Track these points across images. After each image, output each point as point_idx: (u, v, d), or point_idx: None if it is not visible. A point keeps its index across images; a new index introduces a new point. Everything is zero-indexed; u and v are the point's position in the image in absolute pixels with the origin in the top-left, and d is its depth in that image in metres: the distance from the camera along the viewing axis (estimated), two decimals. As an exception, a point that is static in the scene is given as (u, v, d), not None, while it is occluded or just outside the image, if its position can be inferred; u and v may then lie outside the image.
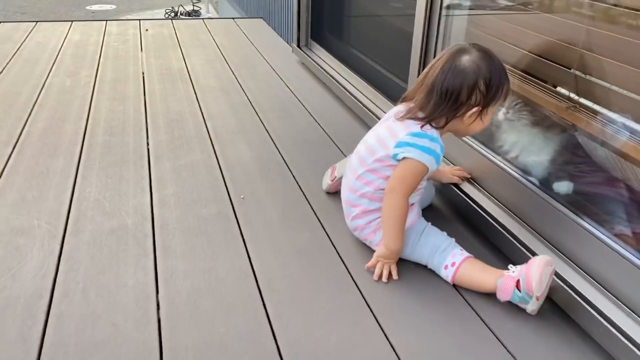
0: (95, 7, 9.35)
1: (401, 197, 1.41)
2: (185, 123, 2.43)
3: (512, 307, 1.36)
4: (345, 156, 2.05)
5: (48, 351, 1.20)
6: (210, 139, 2.27)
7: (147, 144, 2.21)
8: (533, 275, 1.27)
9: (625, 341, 1.16)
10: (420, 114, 1.42)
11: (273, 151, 2.19)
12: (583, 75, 1.40)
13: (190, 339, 1.25)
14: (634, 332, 1.17)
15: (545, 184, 1.51)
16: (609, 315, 1.22)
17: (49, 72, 3.06)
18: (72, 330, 1.26)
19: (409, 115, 1.43)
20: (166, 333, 1.26)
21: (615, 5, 1.32)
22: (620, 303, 1.24)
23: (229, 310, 1.34)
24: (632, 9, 1.27)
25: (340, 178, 1.77)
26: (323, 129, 2.42)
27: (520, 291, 1.31)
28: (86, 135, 2.28)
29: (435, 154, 1.40)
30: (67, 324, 1.28)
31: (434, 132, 1.42)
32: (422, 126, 1.41)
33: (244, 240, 1.61)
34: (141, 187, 1.88)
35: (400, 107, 1.49)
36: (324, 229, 1.68)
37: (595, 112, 1.39)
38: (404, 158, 1.40)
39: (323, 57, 3.14)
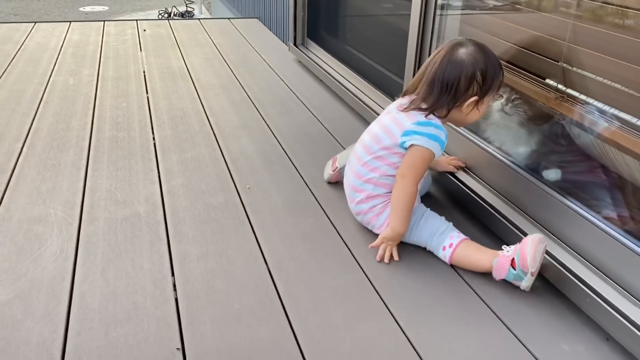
0: (88, 9, 9.38)
1: (412, 183, 1.51)
2: (189, 119, 2.51)
3: (507, 285, 1.45)
4: (345, 148, 2.15)
5: (74, 326, 1.28)
6: (214, 134, 2.36)
7: (153, 139, 2.29)
8: (528, 251, 1.36)
9: (610, 310, 1.26)
10: (424, 105, 1.52)
11: (275, 144, 2.28)
12: (569, 67, 1.50)
13: (207, 314, 1.33)
14: (618, 302, 1.27)
15: (536, 171, 1.61)
16: (595, 287, 1.32)
17: (52, 71, 3.13)
18: (95, 308, 1.34)
19: (413, 107, 1.53)
20: (184, 310, 1.35)
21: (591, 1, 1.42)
22: (605, 277, 1.34)
23: (242, 289, 1.42)
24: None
25: (341, 168, 1.87)
26: (322, 123, 2.51)
27: (515, 269, 1.41)
28: (93, 130, 2.35)
29: (441, 141, 1.50)
30: (90, 302, 1.36)
31: (438, 121, 1.52)
32: (426, 115, 1.51)
33: (251, 226, 1.70)
34: (150, 179, 1.96)
35: (403, 100, 1.59)
36: (327, 216, 1.77)
37: (581, 102, 1.48)
38: (411, 145, 1.50)
39: (320, 55, 3.23)
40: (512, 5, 1.76)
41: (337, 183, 1.95)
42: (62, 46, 3.65)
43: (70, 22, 4.31)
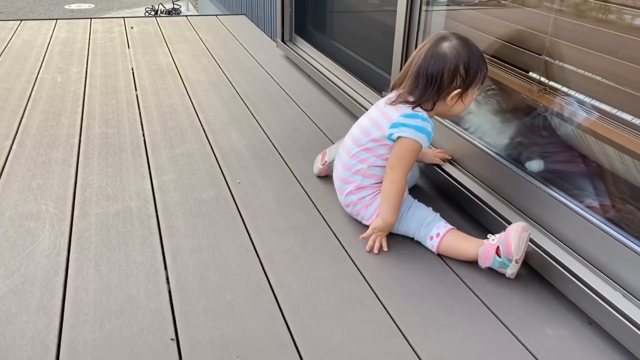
0: (73, 6, 9.31)
1: (401, 175, 1.55)
2: (178, 115, 2.52)
3: (493, 272, 1.49)
4: (333, 143, 2.17)
5: (69, 319, 1.30)
6: (204, 130, 2.37)
7: (143, 135, 2.30)
8: (512, 239, 1.40)
9: (593, 295, 1.31)
10: (411, 98, 1.56)
11: (264, 140, 2.30)
12: (551, 60, 1.54)
13: (200, 306, 1.36)
14: (600, 287, 1.31)
15: (520, 162, 1.65)
16: (578, 274, 1.36)
17: (39, 69, 3.12)
18: (90, 301, 1.36)
19: (400, 100, 1.56)
20: (177, 302, 1.37)
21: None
22: (588, 263, 1.38)
23: (234, 280, 1.45)
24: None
25: (331, 162, 1.90)
26: (310, 118, 2.54)
27: (500, 257, 1.45)
28: (83, 127, 2.36)
29: (427, 132, 1.54)
30: (84, 295, 1.38)
31: (424, 113, 1.55)
32: (413, 108, 1.54)
33: (242, 219, 1.72)
34: (141, 174, 1.97)
35: (390, 95, 1.62)
36: (317, 209, 1.80)
37: (563, 94, 1.52)
38: (399, 138, 1.53)
39: (307, 51, 3.25)
40: (496, 1, 1.79)
41: (326, 177, 1.98)
42: (49, 44, 3.64)
43: (56, 19, 4.29)
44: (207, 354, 1.22)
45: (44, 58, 3.33)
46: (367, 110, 1.89)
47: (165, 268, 1.49)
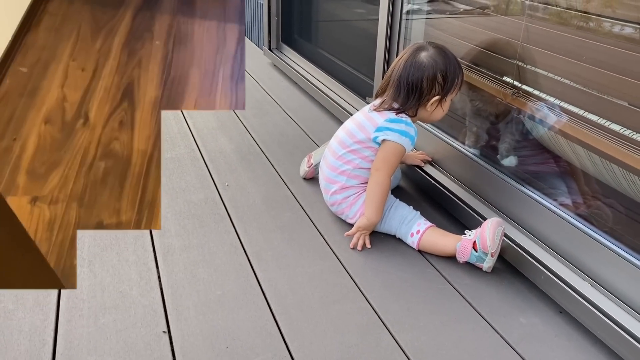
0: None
1: (386, 176, 1.62)
2: (167, 121, 2.58)
3: (470, 267, 1.57)
4: (319, 146, 2.25)
5: (64, 314, 1.35)
6: (192, 135, 2.44)
7: (133, 141, 2.36)
8: (487, 234, 1.48)
9: (563, 285, 1.38)
10: (395, 105, 1.64)
11: (252, 144, 2.37)
12: (524, 65, 1.63)
13: (191, 300, 1.42)
14: (570, 278, 1.39)
15: (496, 162, 1.73)
16: (549, 265, 1.44)
17: None
18: (84, 297, 1.41)
19: (385, 106, 1.65)
20: (169, 297, 1.43)
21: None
22: (558, 255, 1.46)
23: (223, 277, 1.51)
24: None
25: (317, 165, 1.97)
26: (297, 123, 2.61)
27: (476, 251, 1.52)
28: (74, 133, 2.41)
29: (411, 136, 1.62)
30: (79, 292, 1.43)
31: (408, 118, 1.64)
32: (397, 113, 1.62)
33: (231, 220, 1.79)
34: (132, 178, 2.03)
35: (375, 101, 1.71)
36: (303, 209, 1.87)
37: (534, 97, 1.61)
38: (383, 141, 1.61)
39: (294, 59, 3.33)
40: (471, 9, 1.88)
41: (312, 179, 2.05)
42: None
43: None
44: (198, 345, 1.28)
45: None
46: (351, 114, 1.97)
47: (157, 266, 1.55)
